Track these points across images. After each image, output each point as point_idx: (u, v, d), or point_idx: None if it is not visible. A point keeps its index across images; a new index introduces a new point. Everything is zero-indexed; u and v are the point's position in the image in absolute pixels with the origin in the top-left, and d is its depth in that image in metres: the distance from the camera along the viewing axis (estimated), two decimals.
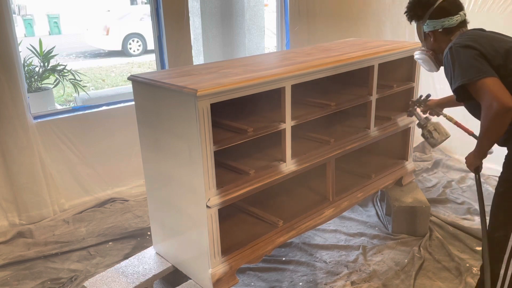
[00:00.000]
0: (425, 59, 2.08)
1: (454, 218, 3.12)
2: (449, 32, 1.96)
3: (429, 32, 2.00)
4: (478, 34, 1.89)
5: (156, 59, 3.86)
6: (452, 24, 1.95)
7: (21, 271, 2.76)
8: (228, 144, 2.05)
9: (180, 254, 2.33)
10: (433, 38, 2.00)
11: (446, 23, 1.95)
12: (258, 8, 5.68)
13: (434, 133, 2.48)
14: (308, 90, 2.65)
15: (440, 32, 1.97)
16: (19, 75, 3.12)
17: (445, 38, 1.97)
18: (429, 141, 2.53)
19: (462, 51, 1.77)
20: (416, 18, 2.03)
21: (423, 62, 2.12)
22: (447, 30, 1.96)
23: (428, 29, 2.00)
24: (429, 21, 1.97)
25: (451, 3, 1.96)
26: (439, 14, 1.95)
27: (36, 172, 3.27)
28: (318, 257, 2.78)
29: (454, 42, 1.85)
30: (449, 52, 1.82)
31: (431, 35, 2.00)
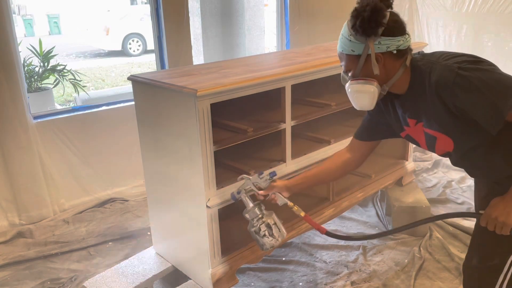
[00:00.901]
0: (371, 92, 1.51)
1: (454, 218, 3.12)
2: (401, 56, 1.49)
3: (379, 55, 1.47)
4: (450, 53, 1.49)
5: (156, 59, 3.86)
6: (406, 46, 1.49)
7: (21, 271, 2.76)
8: (228, 144, 2.05)
9: (180, 254, 2.33)
10: (383, 62, 1.48)
11: (401, 42, 1.47)
12: (258, 8, 5.68)
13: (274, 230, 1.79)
14: (308, 90, 2.65)
15: (394, 55, 1.48)
16: (19, 75, 3.12)
17: (396, 64, 1.50)
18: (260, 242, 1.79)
19: (482, 69, 1.37)
20: (371, 32, 1.44)
21: (365, 96, 1.54)
22: (400, 53, 1.48)
23: (380, 50, 1.47)
24: (382, 38, 1.45)
25: (399, 17, 1.49)
26: (395, 31, 1.46)
27: (36, 172, 3.27)
28: (318, 257, 2.78)
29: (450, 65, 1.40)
30: (461, 77, 1.36)
31: (382, 59, 1.48)
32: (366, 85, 1.52)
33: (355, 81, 1.54)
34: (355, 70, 1.53)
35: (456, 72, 1.37)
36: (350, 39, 1.49)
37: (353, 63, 1.52)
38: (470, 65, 1.37)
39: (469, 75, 1.35)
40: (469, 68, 1.37)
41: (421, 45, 2.99)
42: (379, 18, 1.43)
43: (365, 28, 1.44)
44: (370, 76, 1.51)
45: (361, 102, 1.58)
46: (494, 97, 1.33)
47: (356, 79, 1.53)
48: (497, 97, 1.33)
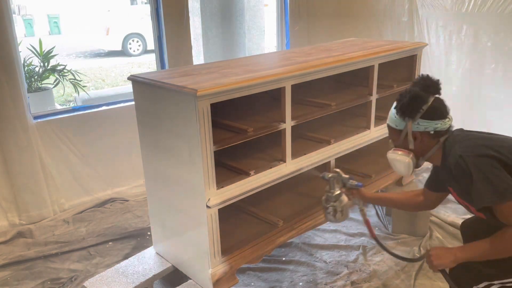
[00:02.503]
0: (406, 162, 1.80)
1: (454, 218, 3.12)
2: (438, 135, 1.75)
3: (417, 133, 1.75)
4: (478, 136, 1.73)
5: (156, 59, 3.86)
6: (443, 128, 1.74)
7: (21, 271, 2.76)
8: (228, 144, 2.05)
9: (180, 254, 2.33)
10: (419, 140, 1.76)
11: (439, 126, 1.73)
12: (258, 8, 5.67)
13: (338, 214, 2.13)
14: (308, 90, 2.65)
15: (430, 134, 1.75)
16: (19, 75, 3.12)
17: (432, 142, 1.77)
18: (328, 216, 2.17)
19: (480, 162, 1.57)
20: (410, 115, 1.74)
21: (401, 165, 1.82)
22: (437, 133, 1.75)
23: (418, 130, 1.75)
24: (421, 120, 1.73)
25: (442, 104, 1.77)
26: (434, 115, 1.73)
27: (36, 172, 3.27)
28: (318, 257, 2.78)
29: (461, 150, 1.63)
30: (462, 162, 1.60)
31: (419, 137, 1.76)
32: (403, 156, 1.81)
33: (394, 151, 1.84)
34: (397, 141, 1.83)
35: (459, 157, 1.62)
36: (395, 116, 1.80)
37: (396, 135, 1.83)
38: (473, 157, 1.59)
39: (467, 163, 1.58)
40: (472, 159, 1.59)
41: (421, 45, 2.99)
42: (416, 105, 1.72)
43: (403, 111, 1.75)
44: (407, 149, 1.80)
45: (398, 169, 1.87)
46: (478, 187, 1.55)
47: (396, 150, 1.84)
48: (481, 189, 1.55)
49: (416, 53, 2.95)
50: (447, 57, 4.09)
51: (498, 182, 1.54)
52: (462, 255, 1.65)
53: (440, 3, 4.06)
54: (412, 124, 1.75)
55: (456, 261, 1.66)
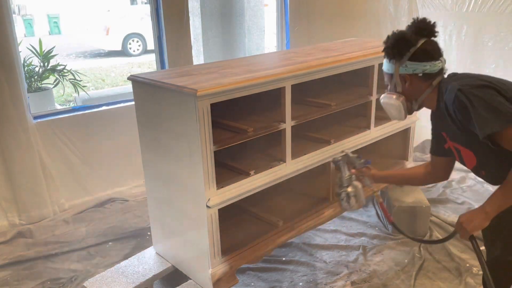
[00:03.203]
0: (397, 105, 1.80)
1: (454, 218, 3.12)
2: (428, 78, 1.74)
3: (405, 76, 1.75)
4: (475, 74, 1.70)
5: (156, 59, 3.85)
6: (433, 70, 1.73)
7: (21, 271, 2.75)
8: (228, 144, 2.05)
9: (180, 254, 2.33)
10: (409, 82, 1.76)
11: (428, 68, 1.72)
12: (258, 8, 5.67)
13: (351, 199, 2.10)
14: (308, 90, 2.65)
15: (420, 77, 1.74)
16: (19, 75, 3.12)
17: (422, 85, 1.76)
18: (342, 203, 2.14)
19: (480, 92, 1.55)
20: (396, 57, 1.75)
21: (393, 108, 1.83)
22: (426, 76, 1.73)
23: (406, 72, 1.75)
24: (409, 63, 1.73)
25: (434, 46, 1.75)
26: (422, 57, 1.72)
27: (36, 172, 3.27)
28: (318, 257, 2.78)
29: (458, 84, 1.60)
30: (461, 95, 1.57)
31: (408, 79, 1.76)
32: (392, 99, 1.81)
33: (385, 94, 1.86)
34: (389, 86, 1.84)
35: (457, 90, 1.58)
36: (386, 60, 1.81)
37: (388, 79, 1.84)
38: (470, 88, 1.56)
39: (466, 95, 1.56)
40: (468, 90, 1.56)
41: None
42: (401, 47, 1.73)
43: (388, 53, 1.77)
44: (399, 92, 1.80)
45: (390, 112, 1.88)
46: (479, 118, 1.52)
47: (388, 93, 1.85)
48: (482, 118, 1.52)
49: None
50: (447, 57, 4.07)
51: (502, 107, 1.51)
52: (491, 207, 1.61)
53: (440, 3, 4.06)
54: (399, 66, 1.75)
55: (488, 217, 1.61)
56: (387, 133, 2.92)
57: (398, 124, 2.97)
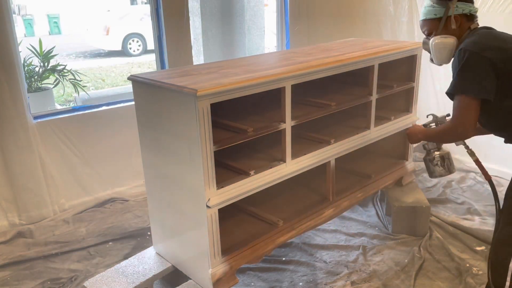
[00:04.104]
0: (451, 43, 1.93)
1: (454, 218, 3.12)
2: (471, 19, 1.93)
3: (456, 16, 1.91)
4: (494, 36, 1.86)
5: (156, 59, 3.86)
6: (475, 11, 1.92)
7: (21, 271, 2.76)
8: (228, 144, 2.05)
9: (180, 254, 2.33)
10: (459, 23, 1.91)
11: (472, 8, 1.91)
12: (258, 8, 5.67)
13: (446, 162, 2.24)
14: (308, 90, 2.65)
15: (467, 17, 1.92)
16: (19, 75, 3.12)
17: (466, 25, 1.93)
18: (430, 169, 2.28)
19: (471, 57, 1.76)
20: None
21: (446, 49, 1.95)
22: (471, 17, 1.92)
23: (457, 12, 1.90)
24: (459, 3, 1.90)
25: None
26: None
27: (36, 172, 3.27)
28: (318, 257, 2.78)
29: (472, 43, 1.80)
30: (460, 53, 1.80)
31: (459, 20, 1.91)
32: (447, 38, 1.93)
33: (437, 37, 1.96)
34: (437, 30, 1.96)
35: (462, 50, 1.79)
36: (433, 6, 1.94)
37: (435, 25, 1.96)
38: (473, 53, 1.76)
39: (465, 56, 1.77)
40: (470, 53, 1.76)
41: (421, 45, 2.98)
42: None
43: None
44: (448, 34, 1.93)
45: (441, 54, 1.98)
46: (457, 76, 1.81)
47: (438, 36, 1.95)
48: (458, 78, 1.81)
49: (416, 53, 2.95)
50: None
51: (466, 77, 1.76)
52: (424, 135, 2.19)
53: None
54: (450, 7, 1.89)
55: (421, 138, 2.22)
56: (387, 133, 2.92)
57: (398, 124, 2.97)
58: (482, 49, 1.76)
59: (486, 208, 3.25)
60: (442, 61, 2.02)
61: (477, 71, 1.74)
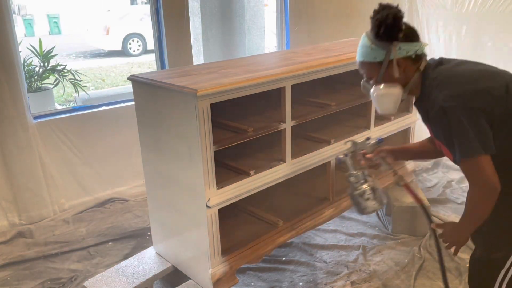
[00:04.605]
0: (396, 94, 1.63)
1: (454, 218, 3.12)
2: (418, 60, 1.62)
3: (400, 60, 1.59)
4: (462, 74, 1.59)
5: (156, 59, 3.86)
6: (421, 51, 1.61)
7: (21, 271, 2.75)
8: (228, 144, 2.05)
9: (180, 254, 2.33)
10: (403, 67, 1.60)
11: (418, 48, 1.59)
12: (258, 8, 5.67)
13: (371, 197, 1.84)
14: (308, 90, 2.65)
15: (412, 59, 1.60)
16: (19, 75, 3.12)
17: (412, 69, 1.62)
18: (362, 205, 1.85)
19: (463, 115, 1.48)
20: (393, 37, 1.57)
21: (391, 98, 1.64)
22: (417, 58, 1.61)
23: (400, 55, 1.58)
24: (402, 44, 1.57)
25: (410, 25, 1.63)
26: (412, 37, 1.59)
27: (36, 172, 3.27)
28: (318, 257, 2.78)
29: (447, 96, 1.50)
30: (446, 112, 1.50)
31: (402, 64, 1.59)
32: (391, 88, 1.62)
33: (379, 86, 1.64)
34: (377, 76, 1.64)
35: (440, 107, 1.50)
36: (372, 48, 1.60)
37: (375, 70, 1.64)
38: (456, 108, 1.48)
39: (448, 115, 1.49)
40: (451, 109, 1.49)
41: None
42: (400, 24, 1.56)
43: (389, 34, 1.56)
44: (392, 81, 1.62)
45: (386, 105, 1.67)
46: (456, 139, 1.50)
47: (380, 85, 1.64)
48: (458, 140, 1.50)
49: None
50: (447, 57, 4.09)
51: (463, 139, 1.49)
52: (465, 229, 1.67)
53: (440, 3, 4.06)
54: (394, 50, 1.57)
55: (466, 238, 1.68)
56: (387, 133, 2.92)
57: (398, 124, 2.97)
58: (464, 101, 1.49)
59: None
60: (387, 111, 1.70)
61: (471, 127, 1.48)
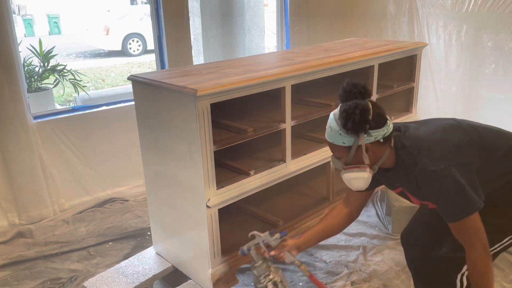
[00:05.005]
0: (366, 178, 1.67)
1: None
2: (386, 141, 1.66)
3: (368, 145, 1.63)
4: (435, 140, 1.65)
5: (156, 59, 3.86)
6: (389, 132, 1.65)
7: (21, 271, 2.76)
8: (228, 144, 2.05)
9: (180, 254, 2.33)
10: (372, 151, 1.65)
11: (386, 131, 1.63)
12: (258, 8, 5.67)
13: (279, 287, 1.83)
14: (308, 90, 2.65)
15: (380, 142, 1.64)
16: (19, 75, 3.12)
17: (383, 148, 1.67)
18: None
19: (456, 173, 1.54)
20: (361, 130, 1.59)
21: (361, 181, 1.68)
22: (385, 139, 1.65)
23: (369, 141, 1.62)
24: (371, 131, 1.61)
25: (378, 106, 1.65)
26: (379, 123, 1.62)
27: (36, 172, 3.27)
28: (318, 257, 2.78)
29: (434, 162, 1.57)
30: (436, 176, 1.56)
31: (371, 148, 1.64)
32: (360, 172, 1.67)
33: (349, 169, 1.69)
34: (346, 158, 1.68)
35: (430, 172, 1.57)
36: (341, 133, 1.63)
37: (344, 152, 1.67)
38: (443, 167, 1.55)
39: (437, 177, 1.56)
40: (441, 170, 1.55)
41: (421, 45, 2.99)
42: (367, 117, 1.58)
43: (356, 128, 1.59)
44: (361, 163, 1.66)
45: (356, 186, 1.73)
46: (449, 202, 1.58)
47: (350, 167, 1.68)
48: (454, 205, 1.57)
49: (416, 53, 2.95)
50: (447, 57, 4.09)
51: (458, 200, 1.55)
52: None
53: (440, 3, 4.06)
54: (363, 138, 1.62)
55: None
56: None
57: None
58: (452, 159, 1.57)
59: None
60: (359, 189, 1.75)
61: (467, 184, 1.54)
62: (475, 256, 1.59)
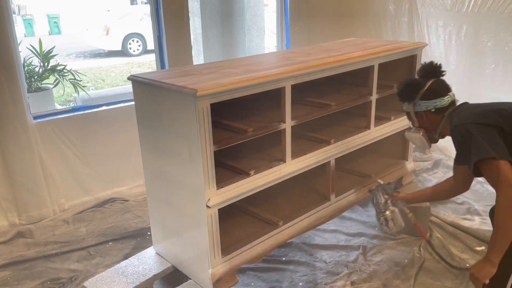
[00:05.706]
0: (418, 137, 2.15)
1: (454, 218, 3.12)
2: (441, 111, 2.06)
3: (421, 112, 2.10)
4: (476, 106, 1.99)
5: (156, 59, 3.86)
6: (443, 105, 2.05)
7: (21, 271, 2.76)
8: (228, 144, 2.05)
9: (180, 254, 2.33)
10: (425, 117, 2.10)
11: (438, 103, 2.05)
12: (258, 8, 5.68)
13: (390, 222, 2.43)
14: (308, 90, 2.65)
15: (433, 112, 2.08)
16: (19, 75, 3.12)
17: (437, 117, 2.08)
18: (382, 227, 2.52)
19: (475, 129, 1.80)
20: (408, 99, 2.12)
21: (416, 140, 2.18)
22: (439, 109, 2.06)
23: (420, 110, 2.09)
24: (421, 102, 2.08)
25: (440, 85, 2.10)
26: (431, 96, 2.06)
27: (36, 172, 3.27)
28: (318, 257, 2.78)
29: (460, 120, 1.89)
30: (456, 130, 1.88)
31: (424, 115, 2.10)
32: (414, 133, 2.17)
33: (408, 130, 2.22)
34: (413, 123, 2.19)
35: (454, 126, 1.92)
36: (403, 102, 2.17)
37: (408, 117, 2.21)
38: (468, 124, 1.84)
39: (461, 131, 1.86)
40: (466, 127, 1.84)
41: (421, 45, 2.99)
42: (410, 90, 2.11)
43: (401, 97, 2.16)
44: (422, 127, 2.15)
45: (415, 144, 2.24)
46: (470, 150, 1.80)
47: (410, 128, 2.21)
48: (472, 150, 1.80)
49: (416, 53, 2.95)
50: (447, 57, 4.09)
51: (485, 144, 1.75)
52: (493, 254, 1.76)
53: (440, 3, 4.06)
54: (413, 106, 2.11)
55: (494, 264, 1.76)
56: (387, 133, 2.92)
57: (398, 124, 2.97)
58: (473, 120, 1.85)
59: (486, 208, 3.25)
60: (420, 148, 2.23)
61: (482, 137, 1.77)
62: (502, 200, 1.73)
